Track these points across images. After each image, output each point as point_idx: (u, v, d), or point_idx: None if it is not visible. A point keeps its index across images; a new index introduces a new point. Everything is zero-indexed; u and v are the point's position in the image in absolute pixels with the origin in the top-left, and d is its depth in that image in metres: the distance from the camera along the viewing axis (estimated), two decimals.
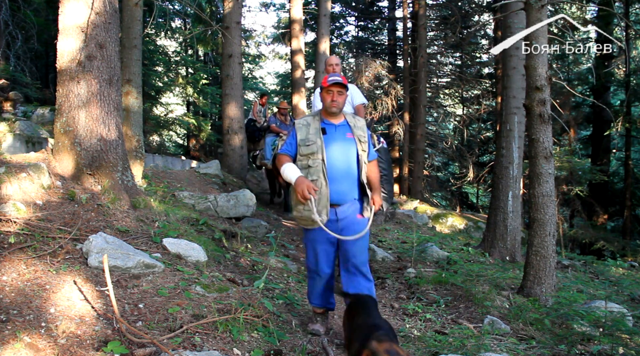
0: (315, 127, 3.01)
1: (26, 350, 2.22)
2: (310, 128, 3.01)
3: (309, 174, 2.92)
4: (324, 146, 2.95)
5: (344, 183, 2.98)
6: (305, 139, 2.98)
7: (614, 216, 15.00)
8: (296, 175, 2.87)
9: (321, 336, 3.15)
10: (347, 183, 2.99)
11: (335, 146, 2.98)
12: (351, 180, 3.01)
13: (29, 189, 3.64)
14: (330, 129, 3.03)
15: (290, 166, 2.94)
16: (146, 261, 3.27)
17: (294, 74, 13.00)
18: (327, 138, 2.98)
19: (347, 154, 3.00)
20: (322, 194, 2.89)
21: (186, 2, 10.46)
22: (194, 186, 7.44)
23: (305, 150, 2.96)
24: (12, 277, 2.76)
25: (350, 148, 3.02)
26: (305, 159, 2.97)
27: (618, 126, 11.85)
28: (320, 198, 2.88)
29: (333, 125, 3.05)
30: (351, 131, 3.05)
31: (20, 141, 6.97)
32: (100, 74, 4.19)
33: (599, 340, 3.36)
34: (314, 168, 2.92)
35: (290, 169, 2.92)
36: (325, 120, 3.05)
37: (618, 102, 16.23)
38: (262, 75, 24.49)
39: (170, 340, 2.53)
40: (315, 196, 2.80)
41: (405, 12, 16.87)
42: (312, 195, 2.77)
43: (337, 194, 2.95)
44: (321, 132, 2.99)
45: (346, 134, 3.03)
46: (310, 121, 3.06)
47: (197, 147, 18.01)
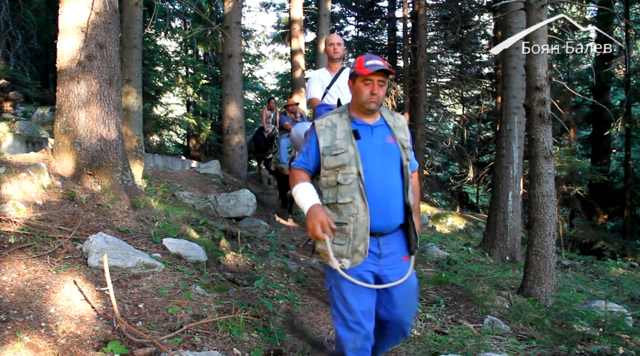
0: (344, 130, 2.19)
1: (26, 350, 2.22)
2: (337, 131, 2.20)
3: (338, 195, 2.13)
4: (358, 155, 2.13)
5: (389, 205, 2.17)
6: (332, 146, 2.16)
7: (614, 216, 15.00)
8: (310, 202, 2.09)
9: (321, 336, 3.15)
10: (392, 205, 2.18)
11: (373, 155, 2.17)
12: (397, 200, 2.19)
13: (29, 189, 3.64)
14: (365, 131, 2.21)
15: (304, 188, 2.15)
16: (146, 261, 3.27)
17: (294, 74, 13.00)
18: (362, 144, 2.17)
19: (389, 166, 2.20)
20: (360, 222, 2.09)
21: (186, 2, 10.46)
22: (194, 186, 7.44)
23: (333, 161, 2.14)
24: (12, 277, 2.76)
25: (393, 157, 2.22)
26: (332, 174, 2.15)
27: (618, 126, 11.85)
28: (357, 228, 2.09)
29: (368, 126, 2.23)
30: (391, 133, 2.26)
31: (20, 141, 6.97)
32: (100, 74, 4.19)
33: (599, 340, 3.36)
34: (347, 187, 2.11)
35: (303, 193, 2.14)
36: (357, 119, 2.23)
37: (618, 102, 16.23)
38: (262, 75, 24.51)
39: (170, 340, 2.53)
40: (331, 235, 2.05)
41: (405, 12, 16.86)
42: (327, 235, 2.02)
43: (380, 219, 2.14)
44: (353, 136, 2.18)
45: (386, 138, 2.23)
46: (336, 121, 2.23)
47: (197, 147, 18.01)
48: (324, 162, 2.18)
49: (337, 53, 4.29)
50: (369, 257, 2.15)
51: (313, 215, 2.05)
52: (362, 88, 2.17)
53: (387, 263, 2.19)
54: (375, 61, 2.16)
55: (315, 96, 4.31)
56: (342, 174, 2.13)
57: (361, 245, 2.10)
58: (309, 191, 2.15)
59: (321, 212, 2.05)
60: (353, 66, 2.22)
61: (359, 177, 2.11)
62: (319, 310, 3.76)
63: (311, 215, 2.06)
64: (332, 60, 4.34)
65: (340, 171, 2.14)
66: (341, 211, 2.12)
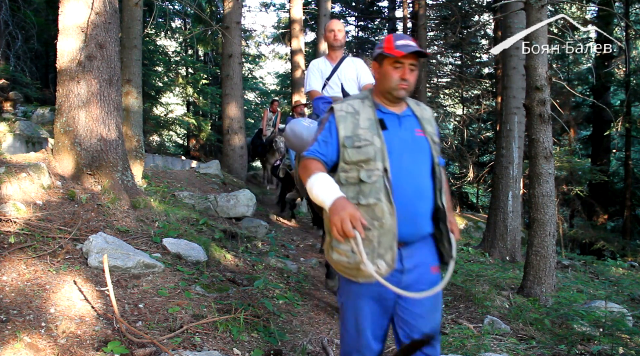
0: (369, 118, 1.87)
1: (26, 350, 2.22)
2: (359, 119, 1.87)
3: (361, 195, 1.79)
4: (385, 148, 1.81)
5: (418, 208, 1.85)
6: (354, 136, 1.84)
7: (614, 216, 15.00)
8: (333, 194, 1.72)
9: (321, 336, 3.15)
10: (422, 209, 1.86)
11: (401, 149, 1.85)
12: (427, 204, 1.88)
13: (29, 189, 3.64)
14: (392, 121, 1.90)
15: (322, 179, 1.78)
16: (146, 261, 3.27)
17: (294, 74, 12.99)
18: (388, 136, 1.85)
19: (419, 162, 1.89)
20: (386, 227, 1.74)
21: (186, 2, 10.46)
22: (194, 186, 7.44)
23: (355, 155, 1.81)
24: (12, 277, 2.76)
25: (423, 152, 1.91)
26: (353, 169, 1.82)
27: (618, 126, 11.85)
28: (381, 235, 1.74)
29: (394, 116, 1.91)
30: (420, 125, 1.95)
31: (20, 141, 6.97)
32: (100, 74, 4.19)
33: (599, 340, 3.36)
34: (370, 185, 1.78)
35: (322, 184, 1.76)
36: (383, 107, 1.92)
37: (618, 102, 16.23)
38: (262, 75, 24.48)
39: (170, 340, 2.53)
40: (362, 233, 1.67)
41: (405, 12, 16.87)
42: (358, 232, 1.65)
43: (407, 225, 1.81)
44: (379, 126, 1.86)
45: (415, 131, 1.93)
46: (359, 107, 1.90)
47: (197, 147, 18.00)
48: (344, 155, 1.83)
49: (337, 40, 3.92)
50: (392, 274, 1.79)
51: (340, 208, 1.67)
52: (391, 72, 1.85)
53: (412, 278, 1.84)
54: (407, 41, 1.84)
55: (315, 88, 3.97)
56: (365, 170, 1.79)
57: (388, 254, 1.75)
58: (329, 182, 1.76)
59: (349, 205, 1.68)
60: (380, 46, 1.90)
61: (385, 174, 1.78)
62: (319, 310, 3.76)
63: (337, 208, 1.67)
64: (332, 48, 3.96)
65: (363, 166, 1.80)
66: (363, 214, 1.74)
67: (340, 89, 3.90)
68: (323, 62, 4.02)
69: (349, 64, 3.97)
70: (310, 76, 4.01)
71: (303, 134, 3.43)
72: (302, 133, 3.45)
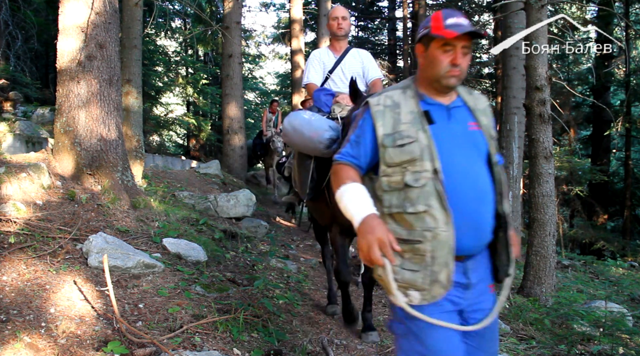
0: (411, 111, 1.59)
1: (26, 350, 2.22)
2: (400, 112, 1.60)
3: (407, 202, 1.52)
4: (434, 145, 1.54)
5: (480, 214, 1.57)
6: (395, 133, 1.57)
7: (614, 216, 15.00)
8: (362, 211, 1.50)
9: (321, 336, 3.15)
10: (484, 214, 1.58)
11: (453, 146, 1.58)
12: (488, 209, 1.59)
13: (29, 189, 3.64)
14: (440, 114, 1.62)
15: (353, 191, 1.56)
16: (146, 261, 3.27)
17: (294, 74, 12.99)
18: (436, 131, 1.57)
19: (474, 161, 1.60)
20: (441, 239, 1.47)
21: (186, 2, 10.46)
22: (194, 186, 7.44)
23: (398, 155, 1.55)
24: (12, 277, 2.76)
25: (478, 149, 1.63)
26: (397, 172, 1.55)
27: (618, 126, 11.84)
28: (436, 248, 1.47)
29: (442, 107, 1.63)
30: (474, 117, 1.67)
31: (20, 141, 6.96)
32: (100, 74, 4.19)
33: (599, 340, 3.36)
34: (418, 190, 1.51)
35: (353, 197, 1.55)
36: (428, 97, 1.63)
37: (618, 102, 16.23)
38: (262, 75, 24.49)
39: (170, 340, 2.53)
40: (393, 260, 1.46)
41: (405, 12, 16.88)
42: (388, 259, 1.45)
43: (469, 235, 1.54)
44: (425, 119, 1.58)
45: (468, 124, 1.65)
46: (399, 99, 1.62)
47: (197, 147, 18.00)
48: (384, 156, 1.57)
49: (341, 29, 3.55)
50: (453, 289, 1.52)
51: (368, 230, 1.45)
52: (440, 56, 1.57)
53: (474, 296, 1.57)
54: (458, 19, 1.56)
55: (313, 81, 3.57)
56: (411, 173, 1.52)
57: (442, 272, 1.47)
58: (360, 195, 1.54)
59: (379, 226, 1.45)
60: (426, 25, 1.60)
61: (436, 176, 1.50)
62: (319, 310, 3.77)
63: (365, 230, 1.45)
64: (335, 38, 3.60)
65: (408, 168, 1.53)
66: (412, 224, 1.50)
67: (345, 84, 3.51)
68: (325, 52, 3.66)
69: (354, 56, 3.63)
70: (310, 67, 3.61)
71: (304, 129, 3.04)
72: (302, 128, 3.05)
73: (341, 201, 1.58)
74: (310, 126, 3.02)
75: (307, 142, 3.04)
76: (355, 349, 3.11)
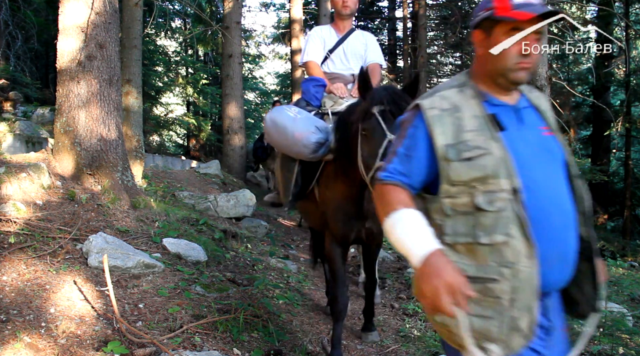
0: (474, 114, 1.28)
1: (26, 350, 2.22)
2: (462, 117, 1.28)
3: (479, 230, 1.22)
4: (509, 158, 1.24)
5: (568, 242, 1.29)
6: (460, 144, 1.26)
7: (614, 216, 15.00)
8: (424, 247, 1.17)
9: (321, 336, 3.16)
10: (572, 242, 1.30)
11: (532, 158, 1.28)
12: (573, 234, 1.31)
13: (29, 189, 3.64)
14: (509, 117, 1.31)
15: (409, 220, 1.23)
16: (146, 261, 3.27)
17: (294, 74, 13.00)
18: (509, 139, 1.27)
19: (555, 175, 1.31)
20: (522, 277, 1.19)
21: (186, 2, 10.47)
22: (194, 186, 7.44)
23: (466, 170, 1.24)
24: (12, 277, 2.76)
25: (556, 160, 1.33)
26: (464, 192, 1.25)
27: (618, 126, 11.85)
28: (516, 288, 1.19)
29: (510, 108, 1.33)
30: (543, 120, 1.38)
31: (20, 141, 6.96)
32: (100, 74, 4.19)
33: (599, 340, 3.35)
34: (494, 214, 1.21)
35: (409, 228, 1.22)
36: (491, 97, 1.33)
37: (618, 102, 16.23)
38: (262, 75, 24.48)
39: (170, 340, 2.53)
40: (468, 308, 1.14)
41: (405, 12, 16.88)
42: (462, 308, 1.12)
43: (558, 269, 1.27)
44: (493, 125, 1.27)
45: (540, 129, 1.35)
46: (458, 100, 1.31)
47: (197, 147, 18.00)
48: (448, 172, 1.25)
49: (347, 7, 3.21)
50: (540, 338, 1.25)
51: (433, 272, 1.11)
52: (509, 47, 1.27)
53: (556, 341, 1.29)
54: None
55: (313, 59, 3.24)
56: (483, 193, 1.21)
57: (524, 318, 1.19)
58: (418, 225, 1.20)
59: (448, 267, 1.12)
60: (487, 6, 1.31)
61: (515, 197, 1.20)
62: (319, 310, 3.77)
63: (430, 272, 1.12)
64: (339, 16, 3.29)
65: (479, 188, 1.22)
66: (485, 257, 1.21)
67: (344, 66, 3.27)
68: (328, 30, 3.35)
69: (358, 37, 3.33)
70: (310, 43, 3.28)
71: (287, 129, 2.74)
72: (285, 128, 2.75)
73: (392, 233, 1.24)
74: (295, 124, 2.72)
75: (291, 145, 2.74)
76: (355, 349, 3.11)
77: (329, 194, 2.73)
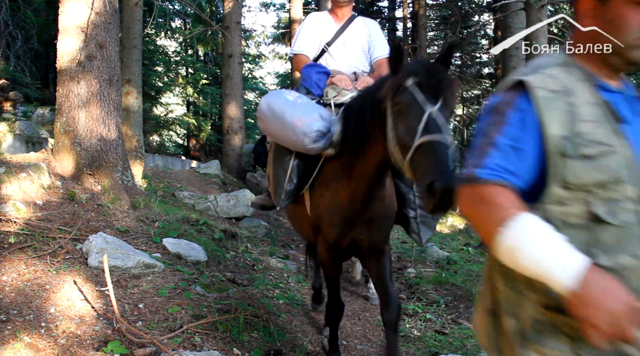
0: (588, 101, 1.03)
1: (26, 350, 2.22)
2: (577, 103, 1.02)
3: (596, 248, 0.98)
4: (636, 158, 1.02)
5: None
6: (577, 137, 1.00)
7: None
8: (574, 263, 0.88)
9: (321, 336, 3.15)
10: None
11: None
12: None
13: (29, 189, 3.64)
14: (624, 106, 1.08)
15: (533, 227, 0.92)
16: (146, 261, 3.27)
17: (294, 74, 13.00)
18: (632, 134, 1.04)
19: None
20: None
21: (186, 2, 10.46)
22: (194, 186, 7.44)
23: (588, 171, 0.98)
24: (12, 277, 2.76)
25: None
26: (578, 199, 0.99)
27: None
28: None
29: (622, 96, 1.11)
30: None
31: (20, 141, 6.96)
32: (100, 74, 4.19)
33: None
34: (619, 230, 0.98)
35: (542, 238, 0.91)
36: (601, 81, 1.09)
37: None
38: (262, 75, 24.46)
39: (170, 340, 2.53)
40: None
41: (405, 12, 16.89)
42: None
43: None
44: (613, 116, 1.04)
45: None
46: (568, 81, 1.06)
47: (197, 147, 18.00)
48: (563, 172, 0.99)
49: None
50: None
51: (600, 294, 0.87)
52: (629, 15, 1.03)
53: None
54: None
55: (304, 52, 2.82)
56: (602, 202, 0.98)
57: None
58: (551, 234, 0.92)
59: (617, 284, 0.88)
60: None
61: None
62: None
63: (596, 294, 0.87)
64: (337, 4, 2.82)
65: (598, 194, 0.98)
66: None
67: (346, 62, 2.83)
68: (325, 17, 2.89)
69: (360, 26, 2.86)
70: (303, 33, 2.84)
71: (286, 114, 2.39)
72: (284, 113, 2.41)
73: (519, 249, 0.92)
74: (294, 110, 2.38)
75: (289, 132, 2.37)
76: (355, 349, 3.11)
77: (329, 196, 2.39)
